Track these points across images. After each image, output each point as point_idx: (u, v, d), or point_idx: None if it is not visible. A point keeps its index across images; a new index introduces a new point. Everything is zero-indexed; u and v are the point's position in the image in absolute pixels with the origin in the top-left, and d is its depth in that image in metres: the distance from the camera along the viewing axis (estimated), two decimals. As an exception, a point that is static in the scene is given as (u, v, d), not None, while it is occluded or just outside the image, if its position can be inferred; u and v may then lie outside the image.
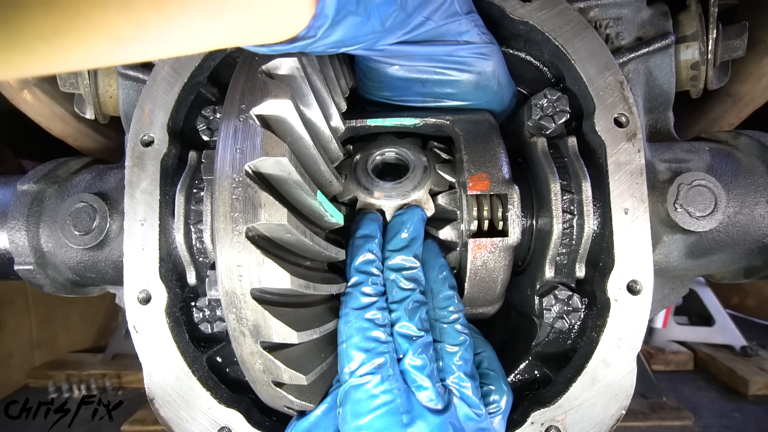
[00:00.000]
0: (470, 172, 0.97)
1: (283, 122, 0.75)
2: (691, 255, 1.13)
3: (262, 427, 1.00)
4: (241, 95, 0.75)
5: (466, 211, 1.00)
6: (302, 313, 0.79)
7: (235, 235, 0.68)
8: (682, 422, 3.23)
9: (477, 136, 1.03)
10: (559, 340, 1.12)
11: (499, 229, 1.00)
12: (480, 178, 0.96)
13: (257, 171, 0.71)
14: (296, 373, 0.75)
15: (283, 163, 0.70)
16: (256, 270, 0.69)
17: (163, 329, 1.02)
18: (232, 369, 1.13)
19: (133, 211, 1.05)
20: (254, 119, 0.72)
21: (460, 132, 1.03)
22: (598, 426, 0.99)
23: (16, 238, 1.20)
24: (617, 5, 1.23)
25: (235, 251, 0.68)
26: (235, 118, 0.73)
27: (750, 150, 1.17)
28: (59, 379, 3.88)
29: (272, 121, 0.75)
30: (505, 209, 0.98)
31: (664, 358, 4.04)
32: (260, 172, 0.71)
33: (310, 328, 0.77)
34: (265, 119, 0.74)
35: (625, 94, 1.04)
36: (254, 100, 0.73)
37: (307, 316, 0.80)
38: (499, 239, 0.97)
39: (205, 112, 1.13)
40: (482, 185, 0.96)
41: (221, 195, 0.69)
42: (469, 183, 0.96)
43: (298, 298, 0.80)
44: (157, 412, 1.02)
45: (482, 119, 1.07)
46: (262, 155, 0.69)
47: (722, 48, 1.30)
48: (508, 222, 0.97)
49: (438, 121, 1.07)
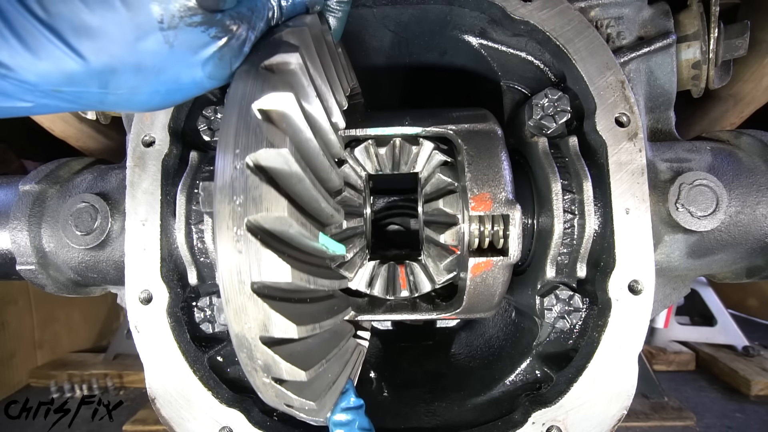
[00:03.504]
0: (473, 192, 0.97)
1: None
2: (692, 255, 1.12)
3: (264, 426, 1.00)
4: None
5: (467, 229, 1.00)
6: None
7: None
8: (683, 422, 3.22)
9: (481, 151, 1.01)
10: (561, 340, 1.12)
11: (499, 248, 1.00)
12: (483, 198, 0.96)
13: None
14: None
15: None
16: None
17: (164, 329, 1.03)
18: (233, 369, 1.13)
19: (135, 211, 1.05)
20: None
21: (464, 145, 1.01)
22: (599, 426, 0.98)
23: (18, 239, 1.21)
24: (618, 5, 1.23)
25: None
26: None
27: (751, 149, 1.16)
28: (61, 379, 3.89)
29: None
30: (506, 229, 0.98)
31: (666, 358, 4.04)
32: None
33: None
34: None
35: (626, 93, 1.04)
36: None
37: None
38: (499, 258, 0.98)
39: (206, 112, 1.14)
40: (485, 206, 0.96)
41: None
42: (472, 203, 0.96)
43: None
44: (158, 412, 1.02)
45: (487, 129, 1.04)
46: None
47: (724, 47, 1.30)
48: (509, 241, 0.98)
49: (441, 130, 1.05)
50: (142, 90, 0.75)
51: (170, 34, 0.70)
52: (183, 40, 0.71)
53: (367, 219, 1.14)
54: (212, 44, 0.75)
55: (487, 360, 1.41)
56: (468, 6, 1.15)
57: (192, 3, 0.70)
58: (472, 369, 1.43)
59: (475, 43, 1.27)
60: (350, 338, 1.02)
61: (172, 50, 0.71)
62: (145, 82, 0.74)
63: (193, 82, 0.77)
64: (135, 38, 0.68)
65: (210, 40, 0.74)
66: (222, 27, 0.75)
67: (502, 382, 1.19)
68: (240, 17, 0.78)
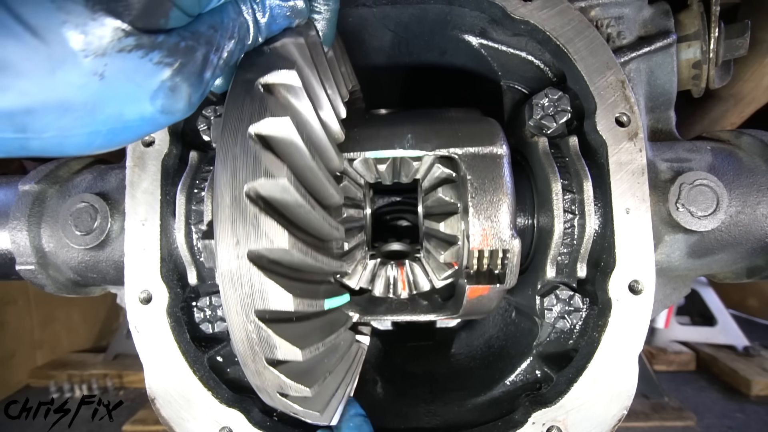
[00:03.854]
0: (474, 227, 0.96)
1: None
2: (692, 255, 1.12)
3: (264, 427, 1.00)
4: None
5: (466, 252, 1.00)
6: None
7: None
8: (684, 423, 3.22)
9: (485, 182, 0.98)
10: (561, 340, 1.12)
11: (496, 273, 1.01)
12: (484, 234, 0.97)
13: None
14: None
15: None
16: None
17: (164, 329, 1.03)
18: (233, 369, 1.13)
19: (134, 211, 1.05)
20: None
21: (468, 174, 0.99)
22: (599, 426, 0.98)
23: (17, 239, 1.20)
24: (618, 4, 1.23)
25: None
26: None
27: (752, 149, 1.16)
28: (61, 379, 3.89)
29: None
30: (504, 258, 0.99)
31: (666, 358, 4.04)
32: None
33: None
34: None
35: (626, 93, 1.04)
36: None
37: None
38: (496, 285, 1.00)
39: (206, 112, 1.13)
40: (485, 242, 0.97)
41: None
42: (472, 238, 0.97)
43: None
44: (158, 412, 1.02)
45: (492, 153, 1.00)
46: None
47: (724, 47, 1.30)
48: (506, 270, 0.99)
49: (444, 154, 1.02)
50: (75, 132, 0.62)
51: (97, 63, 0.58)
52: (117, 70, 0.59)
53: (367, 224, 1.14)
54: (158, 73, 0.63)
55: (487, 360, 1.41)
56: (468, 6, 1.15)
57: (122, 24, 0.57)
58: (472, 369, 1.43)
59: (475, 42, 1.26)
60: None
61: (104, 83, 0.59)
62: (78, 122, 0.61)
63: (142, 119, 0.65)
64: (50, 71, 0.56)
65: (154, 67, 0.62)
66: (168, 51, 0.63)
67: (502, 382, 1.19)
68: (196, 37, 0.66)
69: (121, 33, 0.58)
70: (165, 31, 0.63)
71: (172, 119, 0.69)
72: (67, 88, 0.58)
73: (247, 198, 0.67)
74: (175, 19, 0.63)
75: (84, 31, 0.56)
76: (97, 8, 0.56)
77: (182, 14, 0.64)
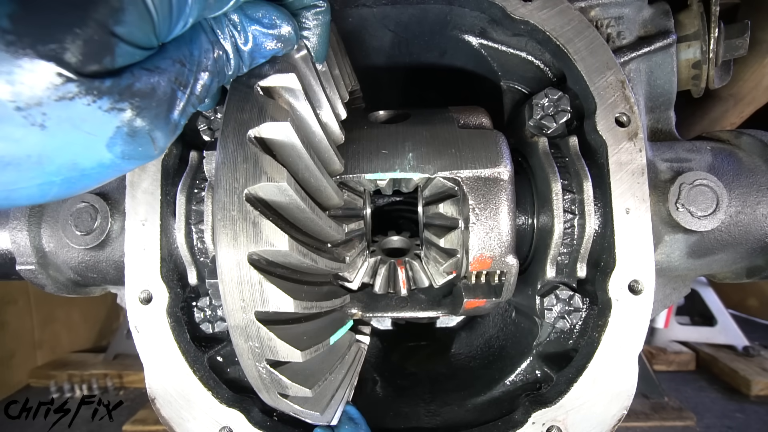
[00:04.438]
0: (473, 250, 0.98)
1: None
2: (692, 255, 1.12)
3: (263, 426, 1.00)
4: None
5: (464, 267, 1.02)
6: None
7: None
8: (683, 422, 3.23)
9: (488, 206, 0.99)
10: (561, 340, 1.12)
11: (493, 285, 1.04)
12: (484, 260, 0.99)
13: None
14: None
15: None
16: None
17: (164, 329, 1.03)
18: (233, 369, 1.13)
19: (135, 211, 1.05)
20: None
21: (471, 198, 0.99)
22: (599, 426, 0.98)
23: (17, 239, 1.21)
24: (618, 4, 1.23)
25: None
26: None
27: (752, 149, 1.16)
28: (61, 379, 3.89)
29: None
30: (502, 276, 1.02)
31: (666, 358, 4.04)
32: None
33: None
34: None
35: (626, 93, 1.04)
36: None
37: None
38: (492, 299, 1.03)
39: (206, 112, 1.13)
40: (484, 265, 0.99)
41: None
42: (472, 262, 0.99)
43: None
44: (158, 412, 1.02)
45: (495, 176, 1.00)
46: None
47: (724, 47, 1.30)
48: (503, 285, 1.02)
49: (446, 176, 1.01)
50: (23, 184, 0.56)
51: (34, 113, 0.50)
52: (59, 120, 0.52)
53: (367, 223, 1.14)
54: (111, 119, 0.55)
55: (487, 360, 1.41)
56: (468, 6, 1.15)
57: (57, 68, 0.49)
58: (472, 369, 1.43)
59: (475, 42, 1.27)
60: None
61: (46, 133, 0.52)
62: (24, 175, 0.55)
63: (101, 167, 0.59)
64: None
65: (104, 114, 0.54)
66: (120, 95, 0.54)
67: (502, 382, 1.19)
68: (157, 74, 0.58)
69: (57, 79, 0.50)
70: (113, 72, 0.54)
71: (140, 163, 0.62)
72: (2, 143, 0.52)
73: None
74: (124, 56, 0.54)
75: (9, 81, 0.48)
76: (21, 53, 0.48)
77: (133, 49, 0.55)
